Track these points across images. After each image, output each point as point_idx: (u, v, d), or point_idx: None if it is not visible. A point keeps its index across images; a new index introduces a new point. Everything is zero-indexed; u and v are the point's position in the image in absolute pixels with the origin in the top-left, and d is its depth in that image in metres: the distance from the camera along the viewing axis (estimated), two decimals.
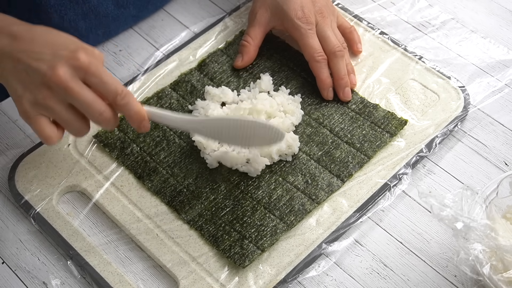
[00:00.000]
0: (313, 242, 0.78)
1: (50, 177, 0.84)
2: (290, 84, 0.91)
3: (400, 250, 0.78)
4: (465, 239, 0.69)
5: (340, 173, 0.83)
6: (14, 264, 0.79)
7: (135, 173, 0.84)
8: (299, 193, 0.81)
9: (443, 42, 0.97)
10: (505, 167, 0.85)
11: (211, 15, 1.02)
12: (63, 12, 0.92)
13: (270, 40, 0.96)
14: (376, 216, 0.81)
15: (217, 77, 0.92)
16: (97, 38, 0.98)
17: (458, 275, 0.76)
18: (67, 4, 0.92)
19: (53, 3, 0.90)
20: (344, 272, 0.77)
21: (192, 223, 0.80)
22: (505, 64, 0.95)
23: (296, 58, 0.94)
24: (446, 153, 0.86)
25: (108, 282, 0.75)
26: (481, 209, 0.72)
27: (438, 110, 0.88)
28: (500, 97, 0.91)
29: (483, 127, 0.88)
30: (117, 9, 0.97)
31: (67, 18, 0.92)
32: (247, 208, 0.80)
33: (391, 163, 0.84)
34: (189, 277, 0.76)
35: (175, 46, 0.97)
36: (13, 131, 0.90)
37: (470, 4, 1.02)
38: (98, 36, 0.97)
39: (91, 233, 0.80)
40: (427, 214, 0.81)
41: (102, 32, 0.97)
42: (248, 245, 0.77)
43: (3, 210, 0.83)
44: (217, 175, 0.83)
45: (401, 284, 0.76)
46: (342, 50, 0.89)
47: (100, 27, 0.97)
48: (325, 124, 0.87)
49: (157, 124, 0.87)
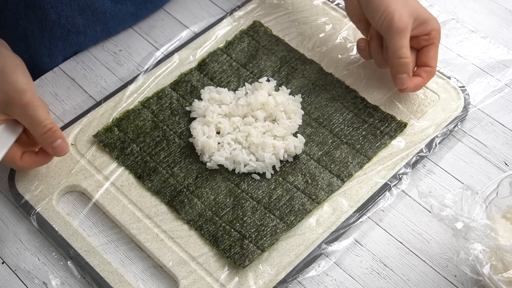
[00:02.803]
0: (313, 242, 0.78)
1: (50, 177, 0.84)
2: (290, 84, 0.91)
3: (400, 250, 0.78)
4: (465, 239, 0.69)
5: (340, 173, 0.83)
6: (14, 264, 0.79)
7: (135, 173, 0.84)
8: (299, 193, 0.81)
9: (443, 42, 0.97)
10: (505, 167, 0.85)
11: (211, 15, 1.02)
12: (60, 8, 0.91)
13: (271, 40, 0.96)
14: (376, 216, 0.81)
15: (217, 77, 0.92)
16: (95, 36, 0.97)
17: (458, 275, 0.76)
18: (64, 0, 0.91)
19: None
20: (344, 272, 0.77)
21: (192, 223, 0.80)
22: (505, 64, 0.95)
23: (296, 58, 0.94)
24: (446, 153, 0.86)
25: (108, 282, 0.75)
26: (481, 209, 0.72)
27: (438, 110, 0.88)
28: (500, 97, 0.91)
29: (483, 127, 0.88)
30: (114, 5, 0.96)
31: (64, 15, 0.92)
32: (247, 208, 0.80)
33: (391, 163, 0.84)
34: (189, 277, 0.76)
35: (175, 46, 0.97)
36: None
37: (470, 4, 1.02)
38: (97, 33, 0.97)
39: (91, 233, 0.80)
40: (427, 214, 0.81)
41: (100, 29, 0.97)
42: (248, 245, 0.77)
43: (3, 210, 0.83)
44: (217, 175, 0.83)
45: (401, 284, 0.76)
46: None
47: (98, 23, 0.96)
48: (325, 124, 0.87)
49: (157, 124, 0.87)
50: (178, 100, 0.90)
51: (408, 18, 0.84)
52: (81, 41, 0.97)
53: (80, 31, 0.95)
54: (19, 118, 0.78)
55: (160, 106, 0.89)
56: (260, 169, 0.83)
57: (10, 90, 0.76)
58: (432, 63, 0.87)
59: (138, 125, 0.87)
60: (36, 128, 0.77)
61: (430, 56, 0.87)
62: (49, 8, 0.91)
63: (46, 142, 0.78)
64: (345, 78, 0.92)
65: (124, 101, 0.90)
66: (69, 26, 0.94)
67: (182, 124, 0.88)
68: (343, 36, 0.97)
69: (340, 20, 0.98)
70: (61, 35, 0.94)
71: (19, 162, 0.79)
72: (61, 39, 0.95)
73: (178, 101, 0.90)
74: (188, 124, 0.88)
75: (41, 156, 0.81)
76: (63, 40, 0.95)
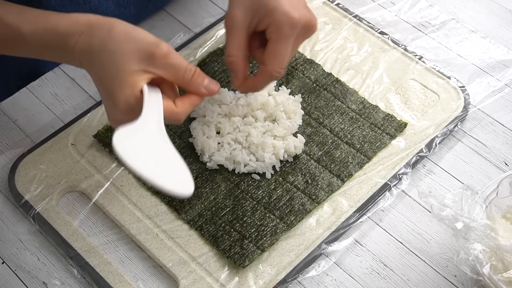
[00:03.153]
0: (313, 242, 0.78)
1: (50, 177, 0.84)
2: (290, 84, 0.91)
3: (400, 250, 0.78)
4: (465, 239, 0.69)
5: (340, 173, 0.83)
6: (14, 264, 0.79)
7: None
8: (299, 193, 0.81)
9: (443, 42, 0.97)
10: (505, 167, 0.85)
11: (211, 15, 1.02)
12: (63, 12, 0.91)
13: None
14: (376, 216, 0.81)
15: (217, 77, 0.92)
16: None
17: (458, 275, 0.76)
18: (68, 4, 0.91)
19: (54, 4, 0.90)
20: (344, 272, 0.77)
21: (192, 223, 0.80)
22: (505, 64, 0.95)
23: (296, 58, 0.94)
24: (446, 153, 0.86)
25: (108, 282, 0.75)
26: (481, 209, 0.72)
27: (438, 110, 0.89)
28: (500, 97, 0.91)
29: (483, 127, 0.88)
30: (118, 9, 0.97)
31: None
32: (247, 208, 0.80)
33: (391, 163, 0.84)
34: (189, 277, 0.76)
35: (175, 46, 0.97)
36: (13, 131, 0.90)
37: (470, 4, 1.02)
38: None
39: (91, 233, 0.80)
40: (427, 214, 0.81)
41: None
42: (248, 245, 0.77)
43: (3, 210, 0.83)
44: (217, 175, 0.83)
45: (401, 284, 0.76)
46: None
47: None
48: (325, 124, 0.87)
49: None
50: None
51: (241, 15, 0.76)
52: None
53: None
54: (163, 70, 0.72)
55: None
56: (260, 169, 0.83)
57: (146, 45, 0.72)
58: (267, 60, 0.76)
59: None
60: (184, 74, 0.73)
61: (266, 52, 0.77)
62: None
63: (197, 84, 0.74)
64: (345, 78, 0.92)
65: None
66: None
67: (182, 124, 0.88)
68: (343, 36, 0.97)
69: (340, 20, 0.98)
70: None
71: (176, 109, 0.73)
72: None
73: None
74: (188, 124, 0.88)
75: (193, 96, 0.75)
76: None
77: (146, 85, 0.71)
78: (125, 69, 0.70)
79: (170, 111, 0.72)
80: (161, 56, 0.71)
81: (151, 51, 0.71)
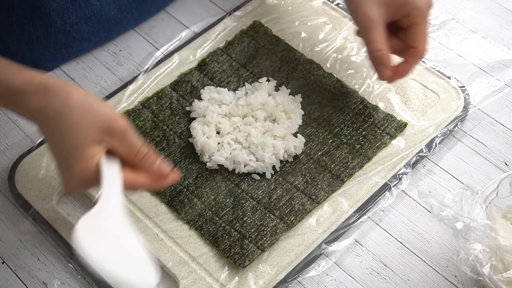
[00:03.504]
0: (313, 242, 0.78)
1: (50, 177, 0.84)
2: (290, 84, 0.91)
3: (400, 250, 0.78)
4: (465, 239, 0.69)
5: (340, 173, 0.83)
6: (14, 264, 0.79)
7: None
8: (299, 193, 0.81)
9: (443, 42, 0.97)
10: (505, 167, 0.85)
11: (211, 15, 1.02)
12: (66, 15, 0.91)
13: (270, 40, 0.96)
14: (376, 216, 0.81)
15: (217, 77, 0.92)
16: (99, 41, 0.98)
17: (458, 275, 0.76)
18: (70, 7, 0.91)
19: (55, 7, 0.90)
20: (344, 272, 0.77)
21: (192, 223, 0.80)
22: (505, 64, 0.95)
23: (296, 58, 0.94)
24: (446, 153, 0.86)
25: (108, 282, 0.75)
26: (481, 209, 0.72)
27: (438, 110, 0.89)
28: (500, 97, 0.91)
29: (483, 127, 0.88)
30: (120, 13, 0.96)
31: (70, 22, 0.92)
32: (247, 208, 0.80)
33: (391, 163, 0.84)
34: (189, 277, 0.76)
35: (175, 46, 0.97)
36: (13, 131, 0.90)
37: (470, 4, 1.02)
38: (100, 39, 0.97)
39: None
40: (427, 214, 0.81)
41: (104, 35, 0.97)
42: (248, 245, 0.77)
43: (3, 210, 0.83)
44: (217, 175, 0.83)
45: (401, 284, 0.76)
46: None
47: (103, 30, 0.96)
48: (325, 124, 0.87)
49: (157, 124, 0.87)
50: (178, 100, 0.90)
51: (375, 10, 0.81)
52: (84, 47, 0.97)
53: (85, 38, 0.95)
54: (119, 144, 0.71)
55: (160, 106, 0.89)
56: (260, 169, 0.83)
57: (104, 120, 0.70)
58: (417, 43, 0.83)
59: (138, 125, 0.87)
60: (136, 154, 0.72)
61: (414, 36, 0.83)
62: (55, 15, 0.91)
63: (147, 164, 0.72)
64: (345, 78, 0.92)
65: (124, 101, 0.90)
66: (74, 33, 0.94)
67: (182, 124, 0.88)
68: (343, 36, 0.97)
69: (340, 20, 0.98)
70: (65, 41, 0.94)
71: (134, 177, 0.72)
72: (65, 46, 0.95)
73: (178, 101, 0.90)
74: (188, 124, 0.88)
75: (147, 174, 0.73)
76: (67, 46, 0.95)
77: (104, 155, 0.69)
78: (82, 142, 0.67)
79: (129, 182, 0.71)
80: (118, 133, 0.70)
81: (109, 127, 0.69)
